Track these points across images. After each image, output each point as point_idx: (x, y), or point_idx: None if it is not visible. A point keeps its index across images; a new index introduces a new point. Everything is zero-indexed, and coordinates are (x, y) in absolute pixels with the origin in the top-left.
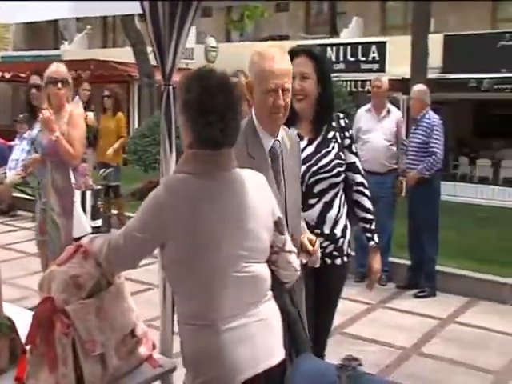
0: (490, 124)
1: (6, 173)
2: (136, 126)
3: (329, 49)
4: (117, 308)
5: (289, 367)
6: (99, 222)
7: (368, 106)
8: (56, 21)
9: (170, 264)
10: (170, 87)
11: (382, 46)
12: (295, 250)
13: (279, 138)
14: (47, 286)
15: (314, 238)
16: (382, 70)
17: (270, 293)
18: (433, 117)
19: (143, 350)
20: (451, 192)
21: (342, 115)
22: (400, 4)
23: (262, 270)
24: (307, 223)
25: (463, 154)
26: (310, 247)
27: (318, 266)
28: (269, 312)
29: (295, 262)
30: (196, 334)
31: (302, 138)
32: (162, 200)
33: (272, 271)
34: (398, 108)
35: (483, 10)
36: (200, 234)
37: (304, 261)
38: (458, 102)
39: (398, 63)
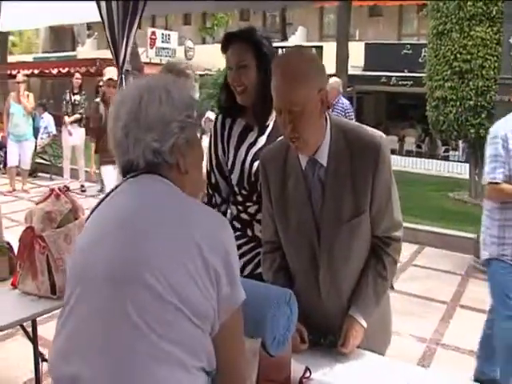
0: (397, 109)
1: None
2: None
3: (280, 50)
4: None
5: None
6: None
7: None
8: (72, 28)
9: None
10: (123, 75)
11: (319, 50)
12: None
13: (323, 152)
14: (29, 219)
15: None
16: None
17: None
18: (345, 102)
19: None
20: None
21: None
22: (334, 18)
23: None
24: None
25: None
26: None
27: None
28: None
29: None
30: None
31: (251, 129)
32: None
33: None
34: None
35: (392, 26)
36: None
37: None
38: (374, 92)
39: (331, 62)
